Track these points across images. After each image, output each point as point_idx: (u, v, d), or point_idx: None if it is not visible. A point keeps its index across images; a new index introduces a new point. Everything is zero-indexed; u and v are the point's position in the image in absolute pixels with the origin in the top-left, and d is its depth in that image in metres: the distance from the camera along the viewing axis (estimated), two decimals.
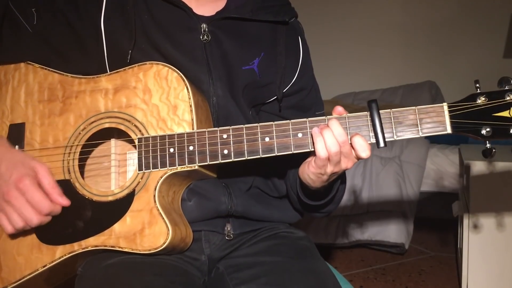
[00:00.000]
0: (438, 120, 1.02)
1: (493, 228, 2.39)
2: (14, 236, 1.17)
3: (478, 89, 1.02)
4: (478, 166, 2.38)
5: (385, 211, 3.11)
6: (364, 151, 1.02)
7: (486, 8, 4.14)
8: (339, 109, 1.07)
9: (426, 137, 3.18)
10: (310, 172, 1.10)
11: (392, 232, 3.09)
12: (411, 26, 4.37)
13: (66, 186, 1.15)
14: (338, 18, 4.54)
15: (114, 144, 1.20)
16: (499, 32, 4.10)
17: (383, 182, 3.11)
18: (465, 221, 2.44)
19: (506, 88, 1.00)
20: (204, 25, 1.22)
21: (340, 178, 1.19)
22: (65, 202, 1.11)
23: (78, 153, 1.17)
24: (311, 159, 1.09)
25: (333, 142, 1.02)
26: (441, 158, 3.15)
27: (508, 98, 0.99)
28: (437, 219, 3.62)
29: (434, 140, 3.31)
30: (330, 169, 1.06)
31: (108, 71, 1.20)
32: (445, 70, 4.26)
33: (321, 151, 1.03)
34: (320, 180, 1.10)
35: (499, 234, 2.38)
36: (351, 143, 1.03)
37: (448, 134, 1.02)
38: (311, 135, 1.05)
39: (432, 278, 2.86)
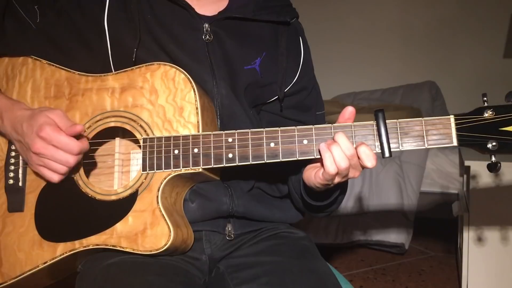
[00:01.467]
0: (445, 132, 1.01)
1: (493, 228, 2.39)
2: (15, 231, 1.18)
3: (486, 103, 1.01)
4: (478, 166, 2.38)
5: (385, 211, 3.11)
6: (369, 161, 1.01)
7: (486, 8, 4.14)
8: (350, 109, 1.06)
9: None
10: (316, 182, 1.09)
11: (392, 232, 3.10)
12: (411, 26, 4.37)
13: (69, 184, 1.15)
14: (338, 18, 4.54)
15: (118, 143, 1.20)
16: (499, 32, 4.10)
17: (383, 182, 3.11)
18: (465, 221, 2.44)
19: None
20: (207, 25, 1.23)
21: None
22: (78, 127, 1.09)
23: None
24: (318, 169, 1.08)
25: (342, 157, 1.01)
26: (441, 158, 3.15)
27: None
28: (437, 219, 3.62)
29: None
30: (337, 180, 1.06)
31: (113, 69, 1.20)
32: (445, 70, 4.25)
33: (330, 167, 1.02)
34: (326, 187, 1.11)
35: (499, 234, 2.38)
36: (357, 153, 1.02)
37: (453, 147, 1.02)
38: (319, 150, 1.04)
39: (432, 278, 2.86)
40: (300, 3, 1.45)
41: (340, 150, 1.01)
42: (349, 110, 1.06)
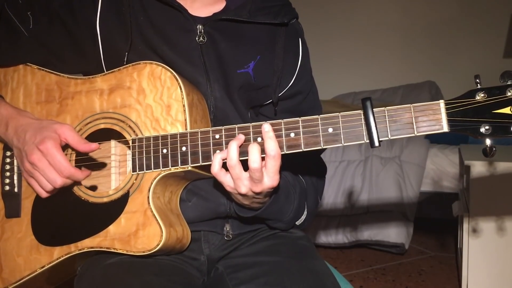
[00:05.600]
0: (435, 118, 0.97)
1: (493, 228, 2.39)
2: (14, 237, 1.18)
3: (478, 85, 0.96)
4: (478, 166, 2.37)
5: (385, 211, 3.11)
6: (253, 162, 1.02)
7: (486, 8, 4.14)
8: (265, 126, 1.05)
9: (426, 137, 3.18)
10: None
11: (392, 232, 3.09)
12: (411, 26, 4.37)
13: (63, 188, 1.15)
14: (338, 18, 4.54)
15: (114, 145, 1.19)
16: (499, 32, 4.09)
17: (383, 182, 3.11)
18: (465, 221, 2.43)
19: (509, 82, 0.94)
20: (200, 26, 1.21)
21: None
22: (94, 146, 1.11)
23: (75, 154, 1.18)
24: None
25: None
26: (441, 158, 3.15)
27: (509, 93, 0.93)
28: (437, 219, 3.62)
29: (434, 140, 3.32)
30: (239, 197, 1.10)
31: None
32: (445, 70, 4.25)
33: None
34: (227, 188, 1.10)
35: (499, 234, 2.38)
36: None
37: (445, 133, 0.97)
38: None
39: (432, 278, 2.86)
40: (300, 3, 1.43)
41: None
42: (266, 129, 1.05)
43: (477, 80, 0.97)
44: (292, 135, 1.04)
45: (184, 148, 1.09)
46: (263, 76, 1.26)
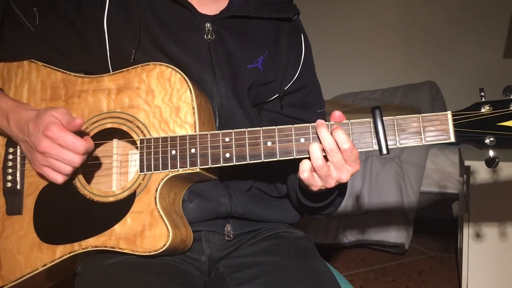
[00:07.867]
0: (442, 128, 1.01)
1: (493, 228, 2.39)
2: (14, 234, 1.18)
3: (483, 98, 1.01)
4: (478, 166, 2.38)
5: (385, 211, 3.11)
6: (344, 143, 1.00)
7: (486, 8, 4.14)
8: (337, 114, 1.05)
9: None
10: (301, 183, 1.10)
11: (392, 232, 3.10)
12: (411, 26, 4.37)
13: (67, 186, 1.15)
14: (338, 18, 4.54)
15: (116, 145, 1.19)
16: (499, 32, 4.09)
17: (383, 182, 3.11)
18: (465, 221, 2.44)
19: (511, 97, 0.98)
20: (208, 24, 1.22)
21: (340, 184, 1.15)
22: (78, 121, 1.08)
23: None
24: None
25: (318, 156, 1.01)
26: (441, 158, 3.15)
27: None
28: (437, 219, 3.62)
29: None
30: (318, 183, 1.06)
31: (111, 70, 1.20)
32: (445, 70, 4.25)
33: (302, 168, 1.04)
34: (315, 188, 1.09)
35: (499, 234, 2.38)
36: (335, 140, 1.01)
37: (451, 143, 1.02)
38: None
39: (432, 278, 2.86)
40: (301, 2, 1.44)
41: (318, 148, 1.02)
42: (337, 115, 1.05)
43: (482, 93, 1.01)
44: (302, 140, 1.06)
45: (193, 150, 1.10)
46: (271, 71, 1.27)
